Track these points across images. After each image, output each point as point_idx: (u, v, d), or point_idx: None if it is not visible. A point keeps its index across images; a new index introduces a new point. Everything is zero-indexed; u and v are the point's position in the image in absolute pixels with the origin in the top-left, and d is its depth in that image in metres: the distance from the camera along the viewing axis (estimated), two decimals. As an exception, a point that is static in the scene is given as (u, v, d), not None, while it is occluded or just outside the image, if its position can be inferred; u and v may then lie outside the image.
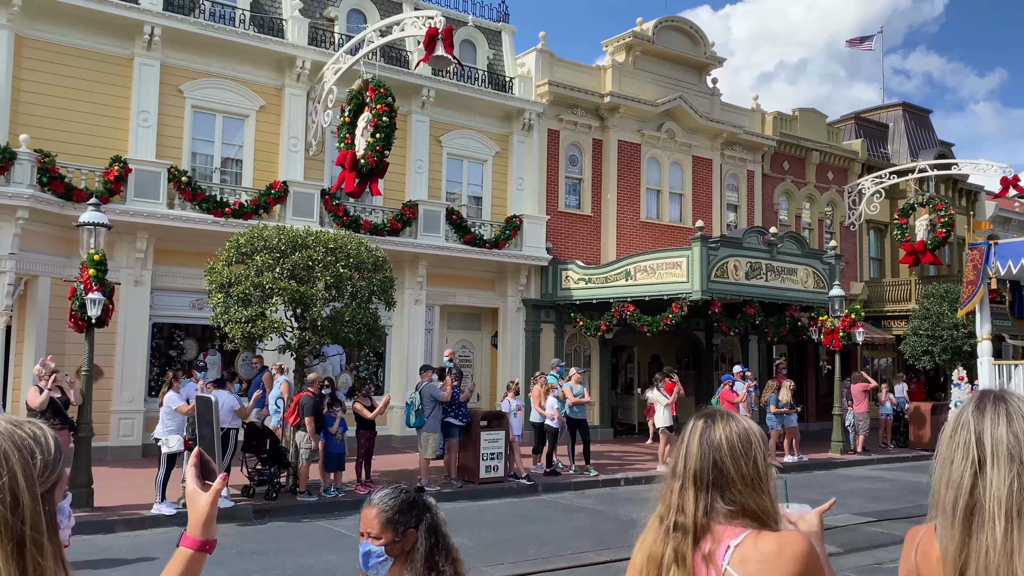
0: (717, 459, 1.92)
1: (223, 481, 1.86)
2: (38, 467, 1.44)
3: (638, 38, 22.75)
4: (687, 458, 1.96)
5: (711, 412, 2.03)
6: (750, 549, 1.84)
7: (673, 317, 18.52)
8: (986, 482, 1.63)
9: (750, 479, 1.91)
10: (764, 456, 1.95)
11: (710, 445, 1.94)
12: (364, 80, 15.74)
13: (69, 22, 15.62)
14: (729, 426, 1.97)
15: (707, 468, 1.92)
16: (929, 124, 33.00)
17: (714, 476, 1.91)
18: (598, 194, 22.43)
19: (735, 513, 1.90)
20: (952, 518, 1.66)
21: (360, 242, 13.29)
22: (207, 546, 1.78)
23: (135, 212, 15.20)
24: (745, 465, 1.91)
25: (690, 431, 2.01)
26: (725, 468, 1.91)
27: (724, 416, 2.00)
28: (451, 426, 13.35)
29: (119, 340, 15.44)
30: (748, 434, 1.96)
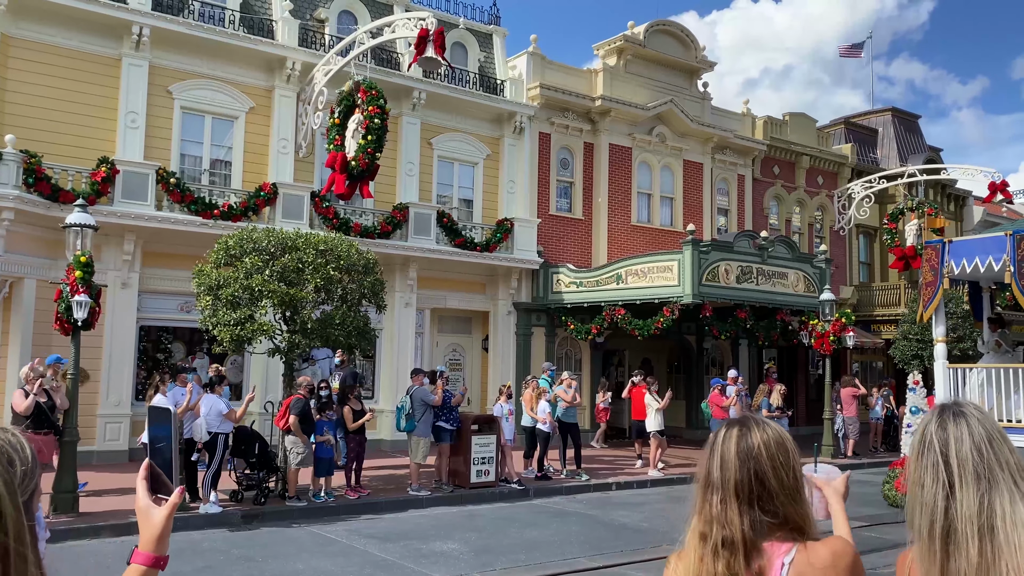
0: (757, 469, 1.84)
1: (179, 495, 1.77)
2: (18, 476, 1.36)
3: (629, 42, 22.75)
4: (724, 469, 1.87)
5: (744, 419, 1.94)
6: (804, 564, 1.79)
7: (664, 321, 18.49)
8: (957, 503, 1.66)
9: (790, 488, 1.84)
10: (800, 463, 1.90)
11: (748, 454, 1.86)
12: (355, 82, 15.64)
13: (56, 21, 15.46)
14: (766, 433, 1.89)
15: (748, 479, 1.84)
16: (918, 129, 33.17)
17: (756, 487, 1.84)
18: (589, 197, 22.40)
19: (778, 525, 1.83)
20: (929, 542, 1.68)
21: (351, 244, 13.18)
22: (160, 562, 1.72)
23: (122, 214, 15.04)
24: (785, 474, 1.85)
25: (723, 439, 1.92)
26: (766, 478, 1.84)
27: (758, 423, 1.92)
28: (442, 430, 13.25)
29: (106, 343, 15.26)
30: (784, 441, 1.89)
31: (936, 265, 11.64)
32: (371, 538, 10.26)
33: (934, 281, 11.75)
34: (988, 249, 11.08)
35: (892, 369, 25.93)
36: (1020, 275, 10.64)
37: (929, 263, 11.82)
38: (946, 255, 11.51)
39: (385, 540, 10.19)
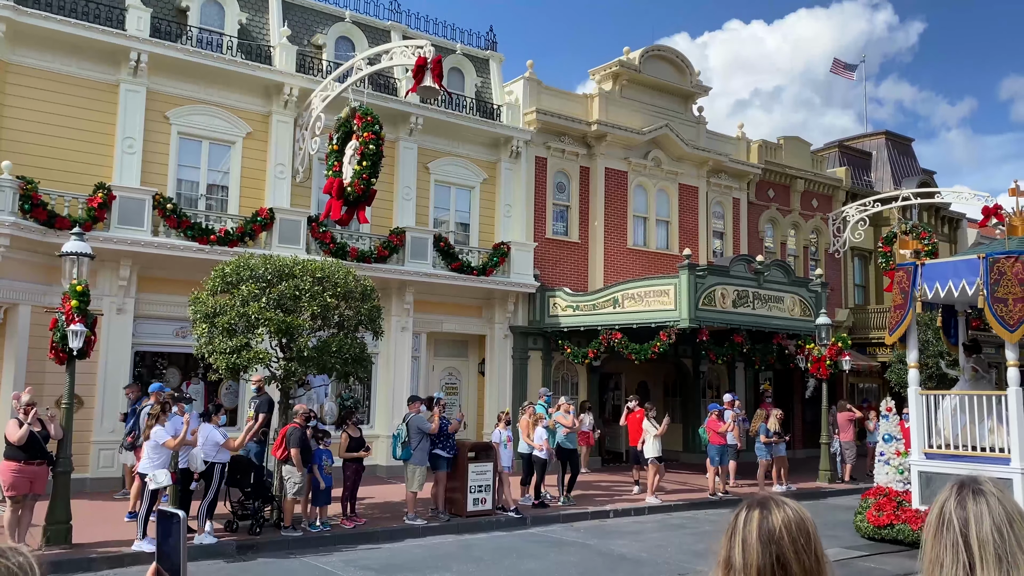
0: (780, 555, 1.81)
1: None
2: None
3: (625, 67, 22.90)
4: (746, 553, 1.83)
5: (763, 500, 1.91)
6: None
7: (661, 345, 18.49)
8: None
9: (812, 571, 1.81)
10: (821, 544, 1.86)
11: (770, 538, 1.82)
12: (352, 108, 15.70)
13: (54, 48, 15.51)
14: (786, 514, 1.86)
15: (770, 565, 1.80)
16: (911, 152, 33.39)
17: (779, 573, 1.81)
18: (585, 221, 22.45)
19: None
20: None
21: (347, 271, 13.16)
22: None
23: (119, 240, 15.02)
24: (807, 557, 1.81)
25: (744, 521, 1.88)
26: (788, 564, 1.80)
27: (778, 503, 1.89)
28: (439, 458, 13.18)
29: (100, 369, 15.19)
30: (805, 522, 1.85)
31: (907, 288, 11.35)
32: (367, 569, 10.17)
33: (904, 304, 11.43)
34: (961, 272, 10.81)
35: (888, 392, 25.94)
36: (994, 299, 10.39)
37: (900, 286, 11.51)
38: (918, 278, 11.23)
39: (382, 571, 10.10)
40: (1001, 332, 10.28)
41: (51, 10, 15.44)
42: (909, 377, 11.85)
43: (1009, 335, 10.25)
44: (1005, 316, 10.18)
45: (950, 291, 10.84)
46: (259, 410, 12.96)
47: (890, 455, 12.57)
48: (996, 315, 10.22)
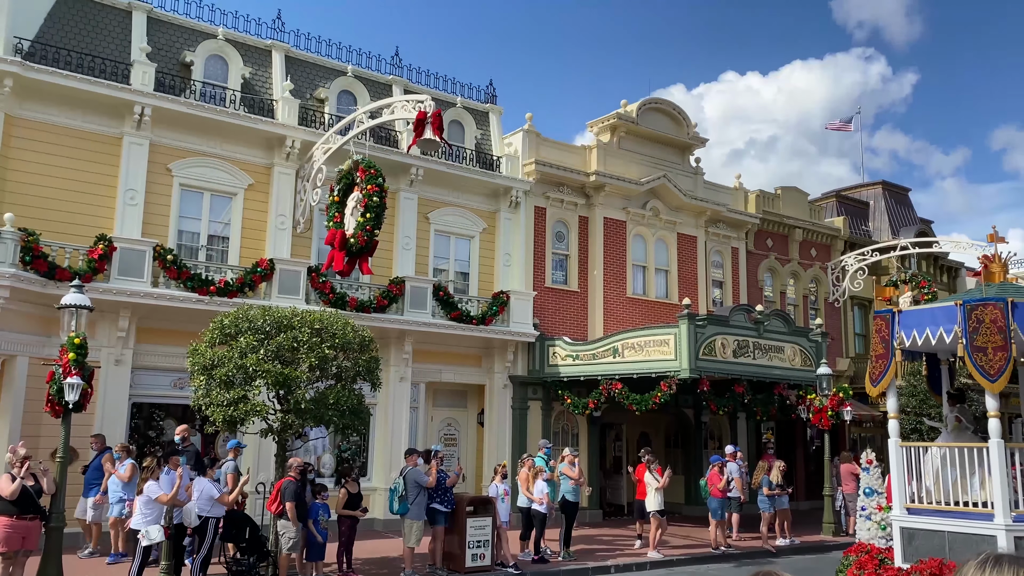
0: None
1: None
2: None
3: (622, 119, 23.21)
4: None
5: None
6: None
7: (662, 395, 18.38)
8: None
9: None
10: None
11: None
12: (354, 160, 15.86)
13: (60, 102, 15.74)
14: None
15: None
16: (908, 202, 33.64)
17: None
18: (585, 270, 22.52)
19: None
20: None
21: (346, 322, 13.15)
22: None
23: (118, 291, 15.04)
24: None
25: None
26: None
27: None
28: (436, 512, 13.00)
29: (97, 420, 15.07)
30: None
31: (887, 337, 10.93)
32: (363, 629, 9.96)
33: (885, 354, 11.00)
34: (939, 320, 10.40)
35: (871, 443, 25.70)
36: (973, 347, 9.99)
37: (879, 334, 11.11)
38: (896, 326, 10.84)
39: (378, 631, 9.88)
40: (982, 382, 9.95)
41: (58, 65, 15.71)
42: (889, 428, 11.40)
43: (990, 385, 9.91)
44: (985, 365, 9.89)
45: (928, 339, 10.45)
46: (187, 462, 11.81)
47: (872, 510, 11.99)
48: (976, 364, 9.93)
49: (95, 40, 16.88)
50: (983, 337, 9.91)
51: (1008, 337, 9.83)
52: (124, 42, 17.22)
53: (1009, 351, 9.79)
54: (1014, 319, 9.89)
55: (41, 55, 15.74)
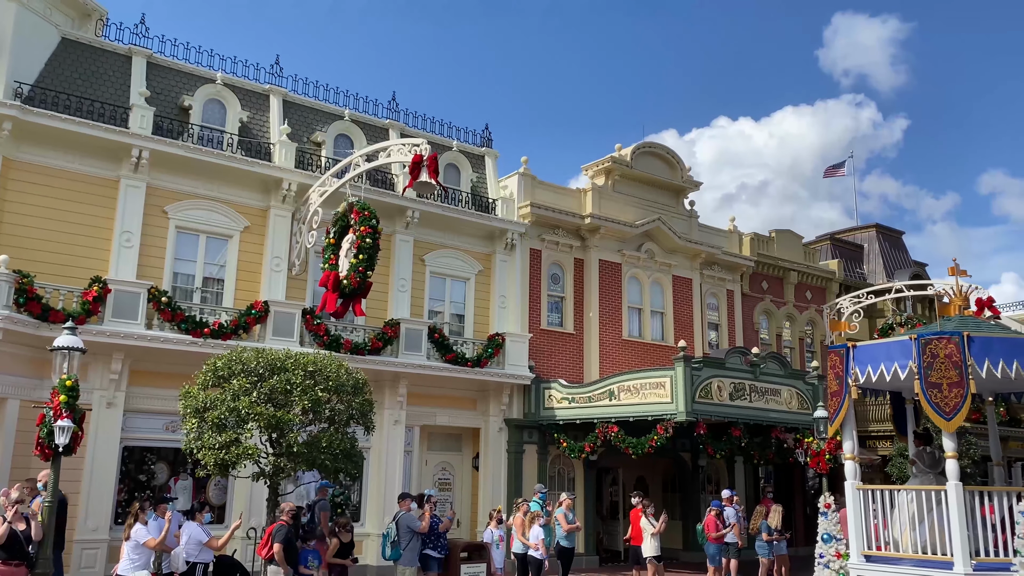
0: None
1: None
2: None
3: (617, 163, 23.43)
4: None
5: None
6: None
7: (658, 439, 18.24)
8: None
9: None
10: None
11: None
12: (349, 203, 15.95)
13: (58, 145, 15.85)
14: None
15: None
16: (902, 245, 33.84)
17: None
18: (580, 312, 22.52)
19: None
20: None
21: (340, 364, 13.10)
22: None
23: (112, 333, 14.98)
24: None
25: None
26: None
27: None
28: (429, 558, 12.80)
29: (87, 464, 14.90)
30: None
31: (841, 373, 10.43)
32: None
33: (839, 391, 10.48)
34: (893, 355, 9.96)
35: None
36: (928, 383, 9.53)
37: (834, 371, 10.60)
38: (851, 361, 10.31)
39: None
40: (937, 420, 9.47)
41: (57, 109, 15.86)
42: (846, 470, 10.72)
43: (945, 423, 9.40)
44: (940, 403, 9.41)
45: (883, 375, 9.98)
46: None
47: (830, 557, 11.12)
48: (931, 401, 9.47)
49: (95, 85, 17.06)
50: (938, 373, 9.50)
51: (964, 373, 9.41)
52: (123, 86, 17.41)
53: (965, 387, 9.40)
54: (971, 354, 9.45)
55: (40, 99, 15.89)
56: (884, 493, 10.40)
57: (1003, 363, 9.45)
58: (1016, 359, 9.48)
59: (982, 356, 9.45)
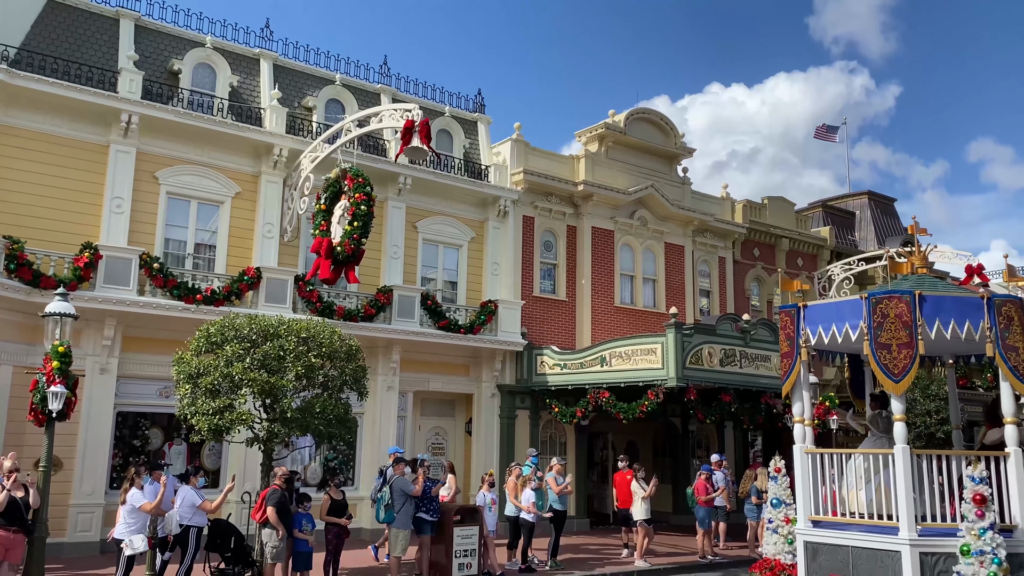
0: None
1: None
2: None
3: (610, 129, 23.32)
4: None
5: None
6: None
7: (649, 404, 18.39)
8: None
9: None
10: None
11: None
12: (342, 169, 15.87)
13: (46, 110, 15.67)
14: None
15: None
16: (894, 212, 33.90)
17: None
18: (573, 279, 22.57)
19: None
20: None
21: (333, 331, 13.13)
22: None
23: (104, 299, 14.97)
24: None
25: None
26: None
27: None
28: (423, 522, 12.96)
29: (81, 430, 14.96)
30: None
31: (792, 334, 10.07)
32: (348, 639, 9.91)
33: (791, 352, 10.16)
34: (844, 315, 9.61)
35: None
36: (877, 345, 9.15)
37: (785, 331, 10.24)
38: (802, 322, 9.96)
39: (363, 641, 9.83)
40: (885, 382, 9.18)
41: (44, 73, 15.67)
42: (795, 434, 10.48)
43: (894, 385, 9.10)
44: (889, 364, 9.08)
45: (834, 336, 9.60)
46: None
47: (779, 522, 10.85)
48: (880, 363, 9.12)
49: (82, 48, 16.85)
50: (887, 333, 9.12)
51: (914, 333, 9.06)
52: (111, 50, 17.19)
53: (915, 348, 9.03)
54: (922, 313, 9.11)
55: (27, 63, 15.69)
56: (834, 457, 10.16)
57: (954, 323, 9.13)
58: (968, 319, 9.16)
59: (933, 316, 9.13)
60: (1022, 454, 9.30)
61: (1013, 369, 9.23)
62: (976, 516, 8.67)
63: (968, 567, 8.59)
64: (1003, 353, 9.19)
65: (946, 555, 8.87)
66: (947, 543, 8.92)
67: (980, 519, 8.65)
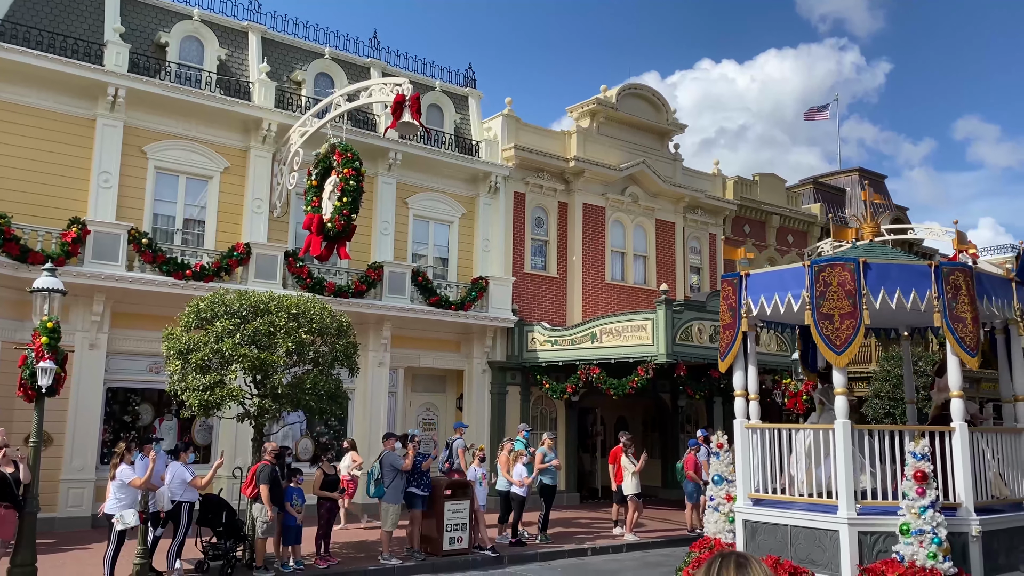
0: None
1: None
2: None
3: (602, 105, 23.20)
4: None
5: (739, 555, 2.12)
6: None
7: (639, 380, 18.48)
8: None
9: None
10: None
11: None
12: (331, 144, 15.75)
13: (32, 83, 15.47)
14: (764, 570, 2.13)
15: None
16: (884, 189, 33.95)
17: None
18: (564, 256, 22.56)
19: None
20: None
21: (323, 307, 13.10)
22: None
23: (92, 275, 14.88)
24: None
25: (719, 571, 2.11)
26: None
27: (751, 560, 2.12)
28: (414, 496, 13.03)
29: (71, 405, 14.95)
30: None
31: (734, 304, 9.50)
32: (340, 612, 9.99)
33: (732, 323, 9.56)
34: (787, 284, 9.05)
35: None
36: (820, 315, 8.60)
37: (727, 302, 9.68)
38: (744, 292, 9.39)
39: (354, 614, 9.92)
40: (828, 354, 8.62)
41: (29, 45, 15.45)
42: (736, 408, 9.93)
43: (836, 357, 8.53)
44: (831, 335, 8.53)
45: (776, 306, 9.05)
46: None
47: (720, 500, 10.26)
48: (822, 334, 8.57)
49: (68, 20, 16.60)
50: (830, 303, 8.59)
51: (858, 302, 8.53)
52: (97, 22, 16.95)
53: (859, 318, 8.49)
54: (866, 282, 8.57)
55: (11, 35, 15.46)
56: (782, 432, 9.55)
57: (900, 292, 8.61)
58: (915, 288, 8.65)
59: (878, 285, 8.58)
60: (968, 429, 8.82)
61: (960, 340, 8.64)
62: (917, 494, 8.17)
63: (907, 547, 8.07)
64: (950, 324, 8.62)
65: (886, 534, 8.37)
66: (887, 522, 8.39)
67: (921, 497, 8.15)
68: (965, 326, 8.64)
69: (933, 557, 7.89)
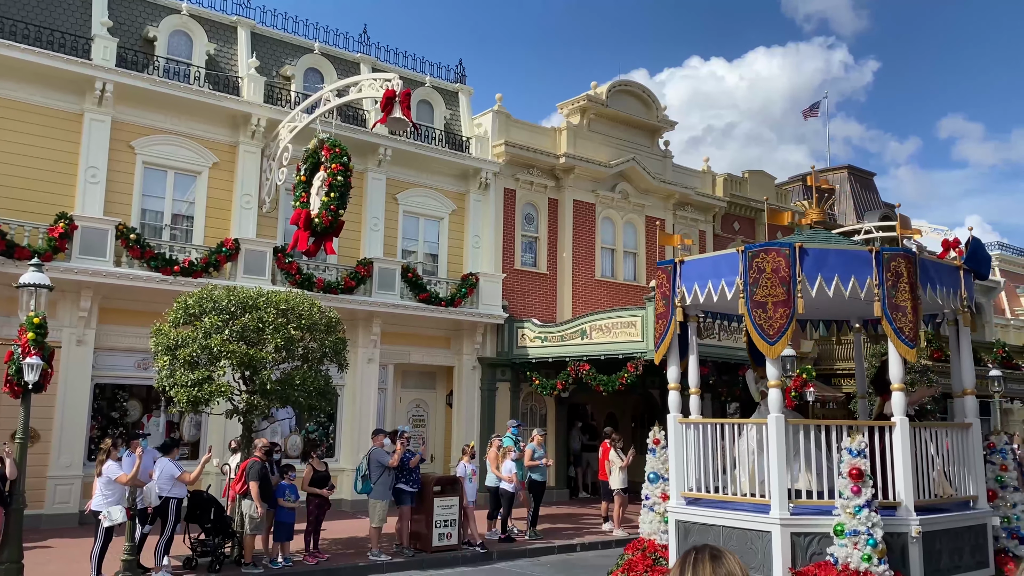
0: None
1: None
2: None
3: (592, 101, 23.21)
4: None
5: (713, 547, 2.19)
6: None
7: (629, 377, 18.51)
8: None
9: None
10: None
11: None
12: (320, 139, 15.70)
13: (18, 77, 15.36)
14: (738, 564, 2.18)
15: None
16: (873, 186, 34.12)
17: None
18: (554, 252, 22.58)
19: None
20: None
21: (312, 303, 13.07)
22: None
23: (80, 270, 14.79)
24: None
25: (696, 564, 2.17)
26: None
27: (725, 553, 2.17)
28: (403, 492, 13.03)
29: (58, 401, 14.87)
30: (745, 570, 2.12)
31: (668, 292, 8.90)
32: (329, 608, 9.98)
33: (666, 313, 8.92)
34: (721, 271, 8.47)
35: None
36: (753, 303, 8.01)
37: (661, 290, 9.09)
38: (677, 279, 8.81)
39: (343, 610, 9.91)
40: (761, 344, 8.03)
41: (15, 39, 15.33)
42: (669, 402, 9.15)
43: (769, 348, 7.94)
44: (764, 324, 7.93)
45: (710, 294, 8.46)
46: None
47: (655, 499, 9.60)
48: (755, 323, 7.98)
49: (54, 14, 16.48)
50: (763, 290, 8.02)
51: (792, 290, 7.94)
52: (84, 16, 16.84)
53: (792, 307, 7.91)
54: (802, 269, 7.99)
55: (-2, 28, 15.33)
56: (724, 428, 8.86)
57: (838, 279, 8.02)
58: (855, 275, 8.06)
59: (815, 271, 8.01)
60: (909, 424, 8.26)
61: (898, 331, 8.05)
62: (852, 492, 7.63)
63: (841, 549, 7.54)
64: (888, 313, 8.03)
65: (821, 535, 7.82)
66: (822, 522, 7.83)
67: (856, 495, 7.61)
68: (905, 315, 8.04)
69: (868, 559, 7.40)
